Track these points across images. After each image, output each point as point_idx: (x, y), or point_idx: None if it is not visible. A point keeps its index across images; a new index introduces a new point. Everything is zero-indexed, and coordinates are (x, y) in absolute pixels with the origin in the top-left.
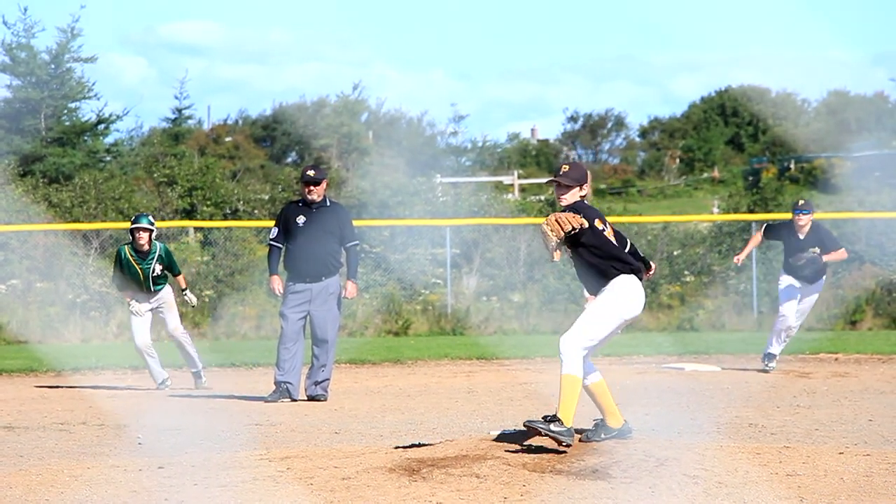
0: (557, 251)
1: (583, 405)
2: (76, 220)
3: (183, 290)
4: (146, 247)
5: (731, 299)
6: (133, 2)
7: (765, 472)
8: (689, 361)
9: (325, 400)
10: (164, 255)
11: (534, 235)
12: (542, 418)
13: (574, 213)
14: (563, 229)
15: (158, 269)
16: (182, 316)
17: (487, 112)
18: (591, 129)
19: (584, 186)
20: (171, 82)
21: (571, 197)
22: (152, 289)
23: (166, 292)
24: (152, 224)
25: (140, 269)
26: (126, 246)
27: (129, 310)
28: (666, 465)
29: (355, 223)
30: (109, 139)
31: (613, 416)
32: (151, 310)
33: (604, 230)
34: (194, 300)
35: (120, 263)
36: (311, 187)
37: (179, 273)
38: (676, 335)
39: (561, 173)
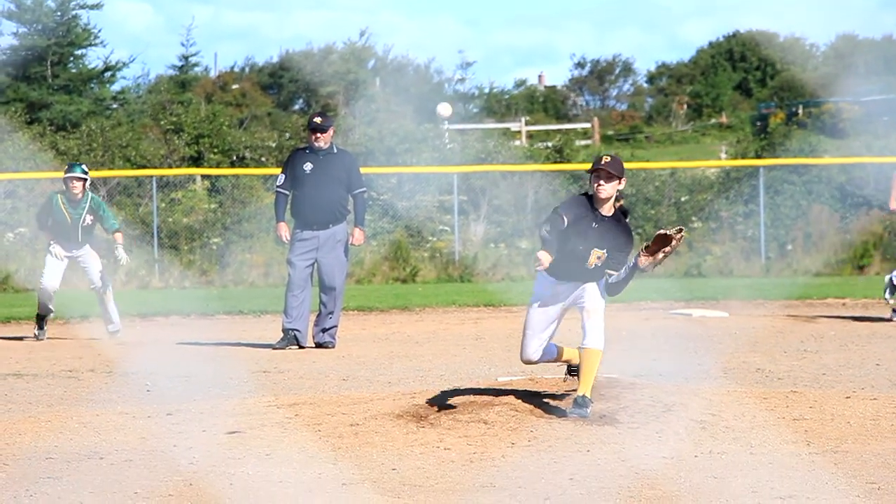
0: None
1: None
2: None
3: (116, 246)
4: (79, 195)
5: (739, 245)
6: None
7: (772, 417)
8: (696, 307)
9: (333, 347)
10: (94, 206)
11: (541, 182)
12: (575, 403)
13: (622, 213)
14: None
15: (89, 219)
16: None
17: (494, 58)
18: (599, 75)
19: (622, 180)
20: (178, 29)
21: (612, 189)
22: (80, 238)
23: (92, 246)
24: (86, 173)
25: (70, 216)
26: (59, 194)
27: (47, 250)
28: (673, 410)
29: (362, 170)
30: (116, 87)
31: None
32: (70, 257)
33: None
34: (125, 258)
35: (50, 209)
36: (318, 134)
37: (117, 230)
38: (684, 281)
39: (603, 163)
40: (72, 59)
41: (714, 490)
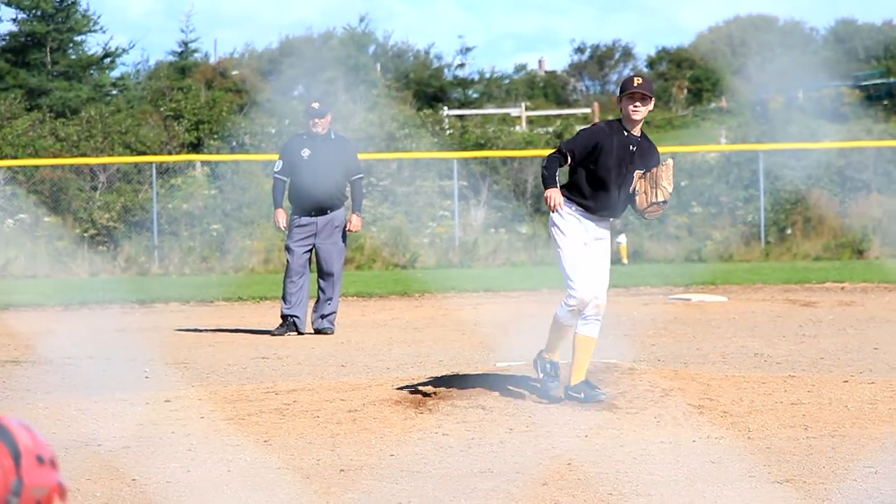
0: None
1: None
2: (83, 154)
3: None
4: None
5: (739, 230)
6: None
7: (770, 401)
8: (695, 292)
9: (332, 333)
10: None
11: (541, 167)
12: (587, 385)
13: (646, 144)
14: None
15: None
16: None
17: (495, 43)
18: (599, 60)
19: (653, 100)
20: (177, 15)
21: (647, 110)
22: None
23: None
24: None
25: None
26: None
27: None
28: (671, 395)
29: (362, 156)
30: (115, 73)
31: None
32: None
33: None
34: None
35: None
36: (316, 120)
37: None
38: (684, 266)
39: (637, 85)
40: (71, 45)
41: (712, 475)
